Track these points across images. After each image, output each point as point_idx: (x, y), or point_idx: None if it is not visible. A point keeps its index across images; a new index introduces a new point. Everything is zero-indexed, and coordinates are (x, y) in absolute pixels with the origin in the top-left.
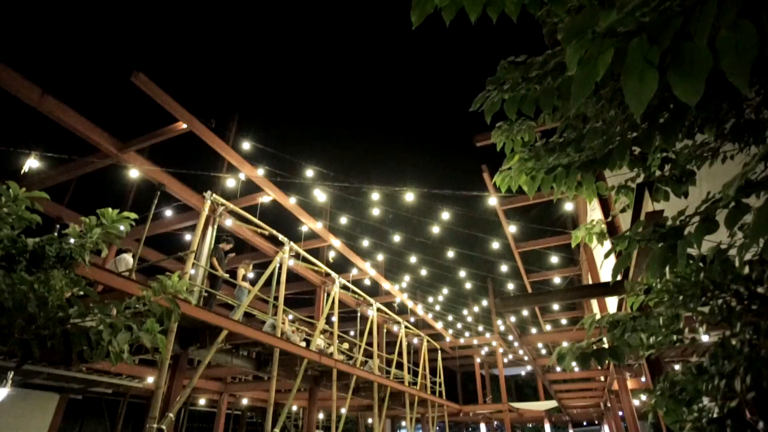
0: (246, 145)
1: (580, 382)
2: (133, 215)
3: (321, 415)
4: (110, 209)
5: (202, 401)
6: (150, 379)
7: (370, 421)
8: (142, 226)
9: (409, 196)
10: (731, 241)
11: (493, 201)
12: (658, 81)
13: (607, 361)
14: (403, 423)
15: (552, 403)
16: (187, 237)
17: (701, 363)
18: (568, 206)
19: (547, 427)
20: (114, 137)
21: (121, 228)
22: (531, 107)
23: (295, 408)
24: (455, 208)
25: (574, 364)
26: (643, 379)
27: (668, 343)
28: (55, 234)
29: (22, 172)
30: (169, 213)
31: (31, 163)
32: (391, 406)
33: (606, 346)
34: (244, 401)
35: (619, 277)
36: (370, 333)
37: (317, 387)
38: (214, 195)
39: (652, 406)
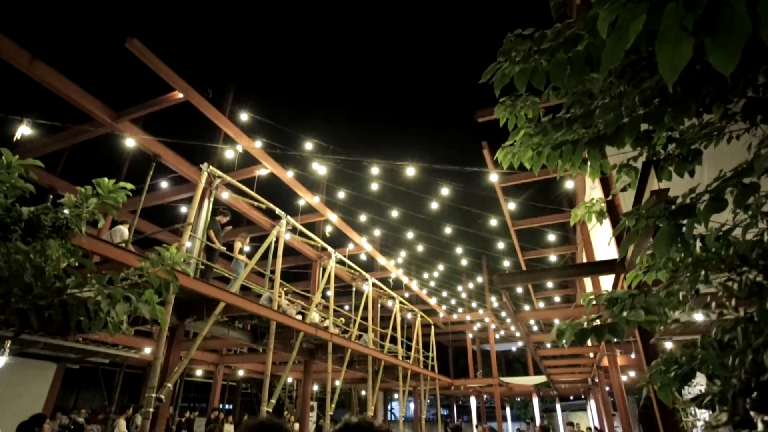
0: (244, 117)
1: (570, 358)
2: (130, 185)
3: (315, 387)
4: (106, 179)
5: (198, 372)
6: (147, 350)
7: (363, 393)
8: (137, 198)
9: (408, 171)
10: (736, 220)
11: (492, 178)
12: (692, 48)
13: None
14: (396, 395)
15: (541, 378)
16: (183, 209)
17: (723, 339)
18: (567, 185)
19: (535, 401)
20: (108, 106)
21: (118, 199)
22: (542, 80)
23: (290, 380)
24: (454, 183)
25: (565, 341)
26: (632, 355)
27: (665, 320)
28: (49, 204)
29: (15, 139)
30: (164, 185)
31: (24, 131)
32: (385, 379)
33: (598, 323)
34: (240, 373)
35: (630, 253)
36: (365, 308)
37: (312, 360)
38: (210, 167)
39: (646, 382)
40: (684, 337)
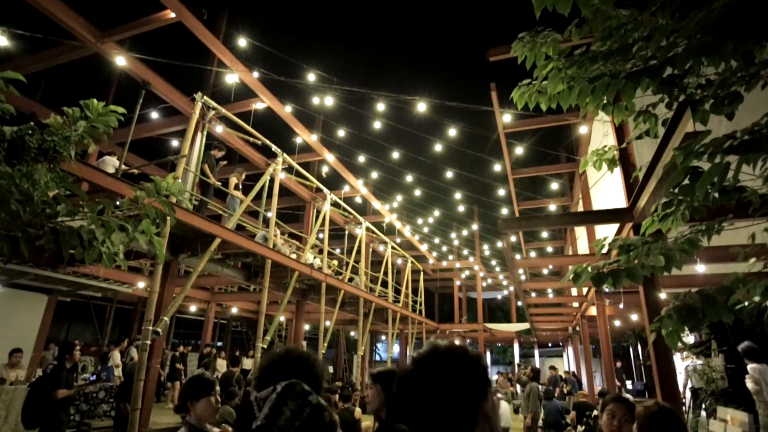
0: (241, 42)
1: (555, 307)
2: (121, 109)
3: (306, 327)
4: (95, 100)
5: (192, 308)
6: (141, 284)
7: (352, 334)
8: (125, 129)
9: (411, 107)
10: None
11: (499, 121)
12: None
13: (588, 288)
14: (383, 337)
15: (523, 326)
16: (174, 143)
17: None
18: (570, 135)
19: (516, 346)
20: (92, 24)
21: (109, 123)
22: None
23: (282, 318)
24: (456, 123)
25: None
26: (621, 305)
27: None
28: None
29: None
30: (155, 116)
31: None
32: (374, 321)
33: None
34: (234, 310)
35: (645, 201)
36: (358, 251)
37: (305, 300)
38: (205, 97)
39: (656, 326)
40: (676, 289)
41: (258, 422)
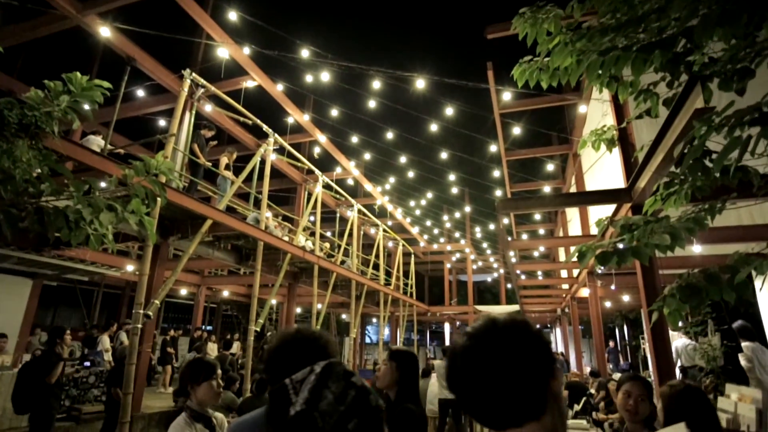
0: (232, 15)
1: (545, 289)
2: (107, 84)
3: (298, 310)
4: (79, 74)
5: (182, 292)
6: (130, 267)
7: (344, 317)
8: (110, 108)
9: (406, 87)
10: None
11: (495, 100)
12: None
13: (581, 270)
14: (374, 320)
15: (513, 308)
16: (161, 123)
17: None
18: (563, 117)
19: None
20: None
21: (95, 98)
22: None
23: (273, 302)
24: (451, 101)
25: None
26: (613, 287)
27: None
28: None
29: None
30: (141, 94)
31: None
32: (365, 304)
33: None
34: (225, 293)
35: (645, 182)
36: (350, 234)
37: (296, 283)
38: (193, 74)
39: (658, 305)
40: (670, 270)
41: (297, 407)
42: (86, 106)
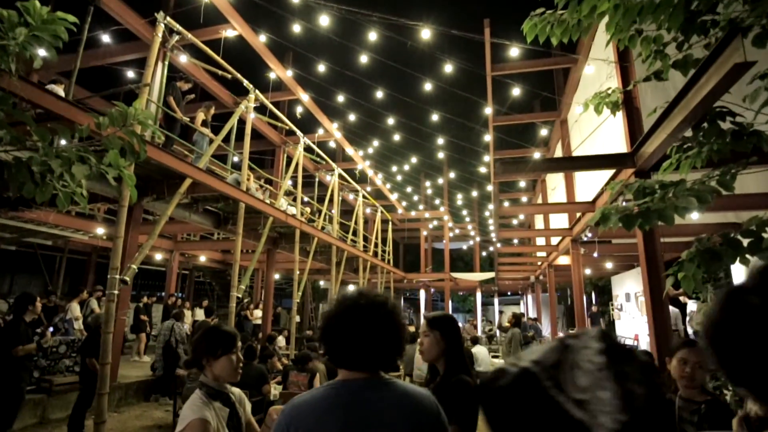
0: None
1: (522, 256)
2: (72, 17)
3: (277, 276)
4: (38, 3)
5: (158, 257)
6: (100, 230)
7: (321, 283)
8: (71, 55)
9: (396, 39)
10: None
11: (489, 58)
12: None
13: (561, 237)
14: (350, 287)
15: (487, 275)
16: (130, 74)
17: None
18: (552, 83)
19: (478, 295)
20: None
21: (58, 32)
22: None
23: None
24: (443, 58)
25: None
26: (595, 254)
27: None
28: None
29: None
30: (106, 40)
31: None
32: (344, 270)
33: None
34: (202, 258)
35: (654, 147)
36: (331, 199)
37: (275, 248)
38: (168, 18)
39: (674, 270)
40: (668, 238)
41: (616, 416)
42: (44, 51)
